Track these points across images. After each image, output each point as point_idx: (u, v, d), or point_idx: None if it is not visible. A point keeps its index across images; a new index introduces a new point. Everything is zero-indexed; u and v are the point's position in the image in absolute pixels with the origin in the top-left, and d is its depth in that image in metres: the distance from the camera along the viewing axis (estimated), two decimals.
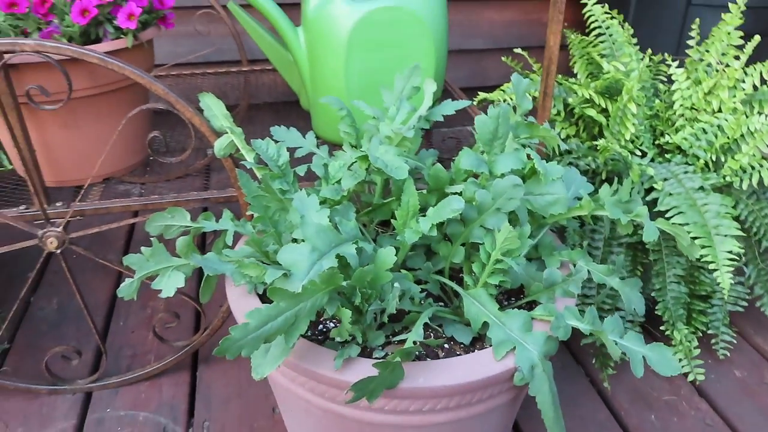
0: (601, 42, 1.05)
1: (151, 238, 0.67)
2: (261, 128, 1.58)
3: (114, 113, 0.88)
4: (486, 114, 0.68)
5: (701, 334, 1.05)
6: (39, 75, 0.79)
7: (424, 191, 0.75)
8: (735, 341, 1.04)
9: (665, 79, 1.09)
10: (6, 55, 0.74)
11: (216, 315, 0.95)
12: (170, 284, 0.66)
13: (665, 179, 0.92)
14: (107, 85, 0.84)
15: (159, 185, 0.97)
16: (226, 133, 0.79)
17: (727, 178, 0.93)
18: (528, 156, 0.72)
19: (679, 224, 0.85)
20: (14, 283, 1.21)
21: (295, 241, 0.65)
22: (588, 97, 0.95)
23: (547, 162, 0.70)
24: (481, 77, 1.65)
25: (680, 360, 0.98)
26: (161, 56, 1.41)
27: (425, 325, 0.72)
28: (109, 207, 0.86)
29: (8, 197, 0.90)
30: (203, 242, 1.36)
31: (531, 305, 0.74)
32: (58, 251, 0.84)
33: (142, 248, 0.65)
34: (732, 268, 0.82)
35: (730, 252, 0.82)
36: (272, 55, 1.06)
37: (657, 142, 1.00)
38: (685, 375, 1.02)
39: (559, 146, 0.73)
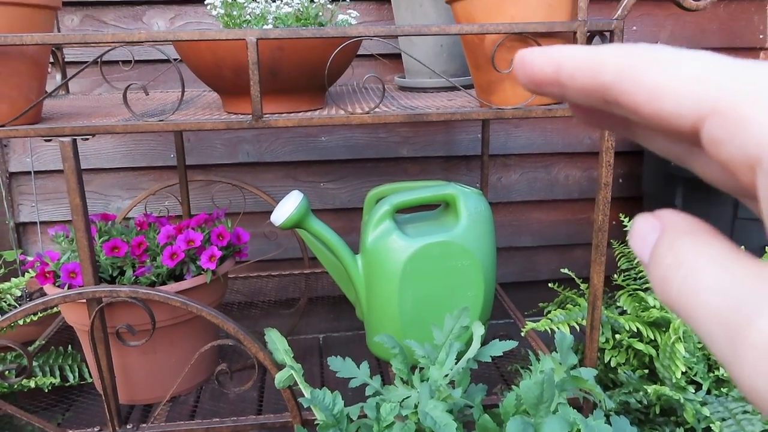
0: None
1: None
2: (318, 320, 1.66)
3: (187, 340, 0.96)
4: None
5: None
6: (127, 311, 0.89)
7: None
8: None
9: None
10: (104, 299, 0.85)
11: None
12: None
13: (723, 419, 0.90)
14: (184, 316, 0.93)
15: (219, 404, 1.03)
16: (287, 367, 0.86)
17: None
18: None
19: None
20: None
21: None
22: (636, 329, 0.97)
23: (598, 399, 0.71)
24: (532, 272, 1.70)
25: None
26: None
27: None
28: (174, 430, 0.91)
29: (82, 409, 0.97)
30: None
31: None
32: None
33: None
34: None
35: None
36: (332, 271, 1.15)
37: (712, 373, 1.00)
38: None
39: (603, 401, 0.74)
